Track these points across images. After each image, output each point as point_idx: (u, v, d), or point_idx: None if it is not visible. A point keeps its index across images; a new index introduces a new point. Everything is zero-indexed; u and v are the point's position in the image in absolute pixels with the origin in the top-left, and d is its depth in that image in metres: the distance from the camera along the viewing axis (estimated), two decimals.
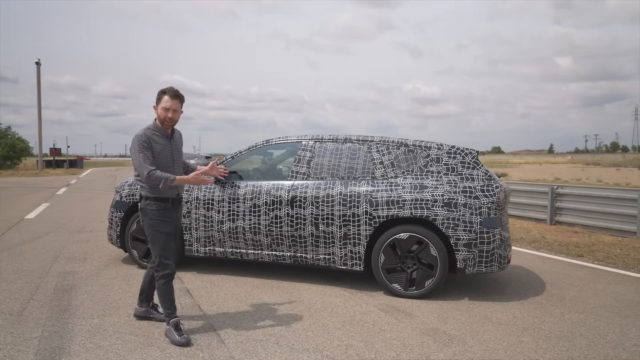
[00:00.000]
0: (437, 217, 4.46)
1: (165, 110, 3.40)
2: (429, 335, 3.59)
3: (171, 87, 3.46)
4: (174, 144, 3.56)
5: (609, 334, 3.71)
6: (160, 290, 3.43)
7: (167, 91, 3.42)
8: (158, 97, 3.44)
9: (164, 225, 3.43)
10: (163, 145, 3.45)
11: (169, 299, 3.42)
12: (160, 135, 3.44)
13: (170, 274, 3.44)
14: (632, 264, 6.35)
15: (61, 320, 3.69)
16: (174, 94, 3.42)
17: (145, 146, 3.35)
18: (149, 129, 3.44)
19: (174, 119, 3.45)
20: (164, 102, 3.40)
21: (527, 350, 3.35)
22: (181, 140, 3.72)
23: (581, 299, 4.65)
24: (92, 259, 5.78)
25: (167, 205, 3.45)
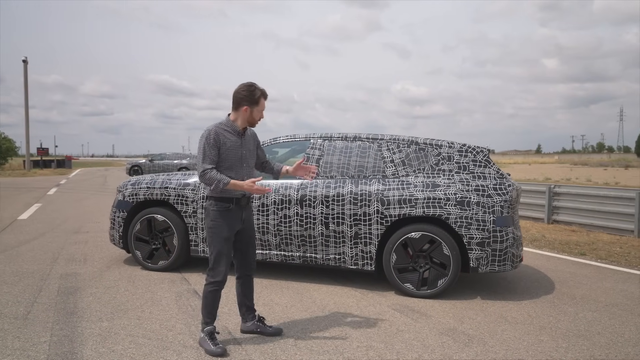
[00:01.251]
0: (450, 215, 4.41)
1: (262, 112, 3.29)
2: (447, 336, 3.54)
3: (261, 88, 3.28)
4: (246, 143, 3.31)
5: (626, 333, 3.69)
6: (206, 296, 3.19)
7: (265, 94, 3.27)
8: (256, 98, 3.21)
9: (224, 229, 3.18)
10: (233, 142, 3.21)
11: (212, 308, 3.19)
12: (232, 132, 3.23)
13: (221, 283, 3.20)
14: (635, 262, 6.38)
15: (69, 323, 3.57)
16: (266, 95, 3.29)
17: (212, 143, 3.12)
18: (220, 124, 3.22)
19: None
20: (262, 105, 3.27)
21: (548, 350, 3.32)
22: (255, 139, 3.47)
23: (592, 297, 4.64)
24: (93, 261, 5.64)
25: (230, 207, 3.20)
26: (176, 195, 5.15)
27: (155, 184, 5.29)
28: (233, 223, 3.23)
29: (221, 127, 3.21)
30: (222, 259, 3.19)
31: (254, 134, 3.48)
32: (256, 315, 3.49)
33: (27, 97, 33.01)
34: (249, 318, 3.48)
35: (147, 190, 5.28)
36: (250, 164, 3.36)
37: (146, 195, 5.28)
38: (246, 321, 3.48)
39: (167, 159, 27.24)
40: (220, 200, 3.20)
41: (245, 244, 3.38)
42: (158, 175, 5.50)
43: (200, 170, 3.11)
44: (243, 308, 3.47)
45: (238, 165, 3.24)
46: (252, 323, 3.46)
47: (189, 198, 5.11)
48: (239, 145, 3.26)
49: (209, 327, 3.17)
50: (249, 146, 3.35)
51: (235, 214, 3.24)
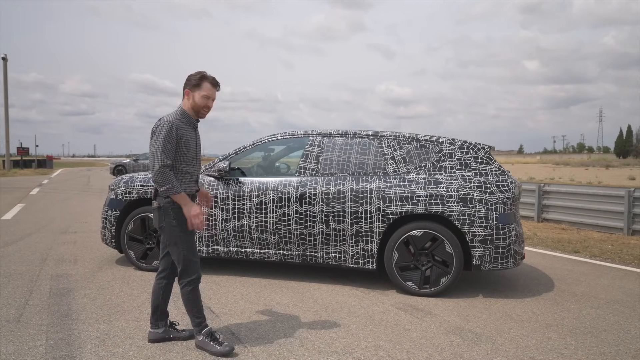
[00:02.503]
0: (452, 213, 4.37)
1: (206, 98, 3.04)
2: (455, 334, 3.48)
3: (212, 75, 3.08)
4: (198, 135, 3.21)
5: (631, 329, 3.68)
6: (188, 298, 3.02)
7: (208, 77, 3.05)
8: (196, 82, 3.02)
9: (186, 225, 3.00)
10: (190, 136, 3.07)
11: (197, 305, 3.05)
12: (187, 125, 3.06)
13: (197, 279, 3.05)
14: (628, 259, 6.43)
15: (64, 326, 3.42)
16: (215, 82, 3.08)
17: (173, 136, 2.93)
18: (177, 115, 3.03)
19: (210, 108, 3.12)
20: (205, 89, 3.03)
21: (557, 347, 3.29)
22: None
23: (592, 294, 4.64)
24: (84, 261, 5.46)
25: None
26: None
27: (149, 181, 5.13)
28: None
29: (179, 118, 3.03)
30: (191, 257, 3.03)
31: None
32: (168, 321, 3.26)
33: (7, 96, 32.25)
34: (162, 324, 3.21)
35: (141, 188, 5.12)
36: (200, 159, 3.27)
37: (140, 194, 5.12)
38: (157, 327, 3.19)
39: None
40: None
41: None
42: None
43: (159, 164, 2.87)
44: (157, 313, 3.19)
45: (193, 160, 3.12)
46: (164, 329, 3.19)
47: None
48: (194, 139, 3.12)
49: (206, 329, 3.03)
50: (199, 140, 3.24)
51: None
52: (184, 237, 3.02)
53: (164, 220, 3.01)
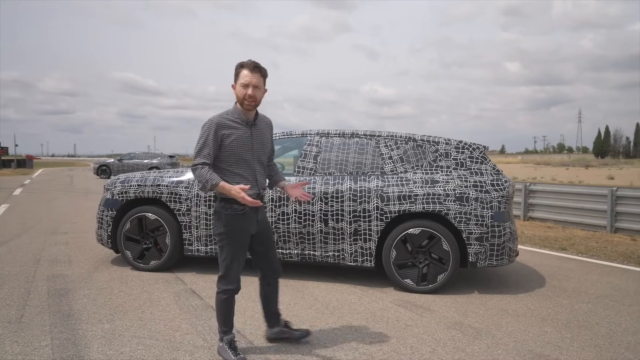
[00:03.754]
0: (449, 211, 4.46)
1: (245, 86, 2.77)
2: (455, 329, 3.57)
3: (250, 60, 2.81)
4: (257, 133, 2.90)
5: (622, 322, 3.82)
6: (220, 305, 2.93)
7: (246, 64, 2.79)
8: (236, 72, 2.83)
9: (238, 234, 2.87)
10: (240, 133, 2.83)
11: (228, 316, 2.95)
12: (238, 122, 2.84)
13: (235, 290, 2.92)
14: (613, 256, 6.63)
15: (68, 326, 3.41)
16: (254, 66, 2.78)
17: (211, 135, 2.77)
18: (226, 113, 2.86)
19: (255, 97, 2.80)
20: (242, 77, 2.77)
21: (554, 340, 3.40)
22: (269, 131, 3.05)
23: (582, 289, 4.79)
24: (79, 262, 5.41)
25: (244, 209, 2.84)
26: (169, 193, 5.01)
27: (146, 181, 5.12)
28: (248, 227, 2.92)
29: (225, 116, 2.84)
30: (235, 265, 2.90)
31: (270, 124, 3.08)
32: (282, 322, 3.24)
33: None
34: (276, 324, 3.21)
35: (138, 188, 5.11)
36: (263, 160, 2.97)
37: (137, 193, 5.11)
38: (272, 327, 3.21)
39: (136, 158, 26.53)
40: (233, 202, 2.82)
41: (266, 247, 3.07)
42: (149, 173, 5.34)
43: (192, 164, 2.81)
44: (269, 315, 3.22)
45: (247, 161, 2.87)
46: (279, 329, 3.20)
47: (183, 196, 4.97)
48: (248, 137, 2.86)
49: (228, 336, 2.94)
50: (261, 138, 2.94)
51: (250, 216, 2.91)
52: (231, 245, 2.88)
53: (217, 224, 2.91)
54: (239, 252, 2.91)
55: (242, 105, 2.84)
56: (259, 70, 2.81)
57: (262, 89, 2.85)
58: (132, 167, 25.73)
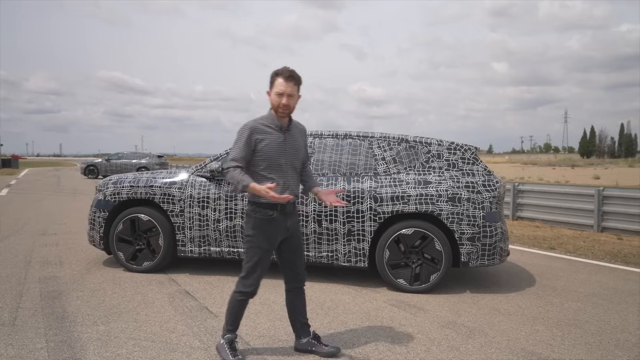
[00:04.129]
0: (442, 212, 4.52)
1: (279, 95, 2.82)
2: (449, 328, 3.62)
3: (285, 67, 2.86)
4: (290, 139, 2.94)
5: (611, 320, 3.90)
6: (232, 305, 2.94)
7: (281, 72, 2.84)
8: (271, 80, 2.87)
9: (264, 240, 2.88)
10: (274, 138, 2.87)
11: (237, 316, 2.96)
12: (272, 127, 2.88)
13: (251, 294, 2.93)
14: (600, 255, 6.75)
15: (62, 328, 3.39)
16: (289, 75, 2.83)
17: (244, 139, 2.83)
18: (261, 118, 2.91)
19: (289, 105, 2.85)
20: (277, 86, 2.83)
21: (545, 339, 3.46)
22: (303, 137, 3.07)
23: (571, 288, 4.88)
24: (70, 263, 5.37)
25: (273, 215, 2.87)
26: (162, 194, 5.00)
27: (139, 182, 5.10)
28: (276, 233, 2.91)
29: (260, 121, 2.90)
30: (257, 270, 2.90)
31: (303, 131, 3.10)
32: (311, 332, 3.14)
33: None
34: (304, 334, 3.12)
35: (131, 189, 5.09)
36: (296, 165, 2.97)
37: (129, 194, 5.08)
38: (300, 338, 3.13)
39: (124, 158, 26.30)
40: (263, 206, 2.85)
41: (293, 254, 3.04)
42: (141, 174, 5.31)
43: (225, 167, 2.88)
44: (297, 324, 3.14)
45: (280, 166, 2.88)
46: (307, 340, 3.10)
47: (176, 197, 4.96)
48: (281, 142, 2.89)
49: (229, 335, 2.94)
50: (295, 144, 2.96)
51: (280, 222, 2.91)
52: (256, 249, 2.89)
53: (246, 227, 2.93)
54: (263, 257, 2.90)
55: (277, 112, 2.88)
56: (293, 79, 2.86)
57: (295, 97, 2.90)
58: (120, 167, 25.51)
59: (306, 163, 3.15)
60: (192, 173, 5.06)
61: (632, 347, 3.34)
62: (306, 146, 3.11)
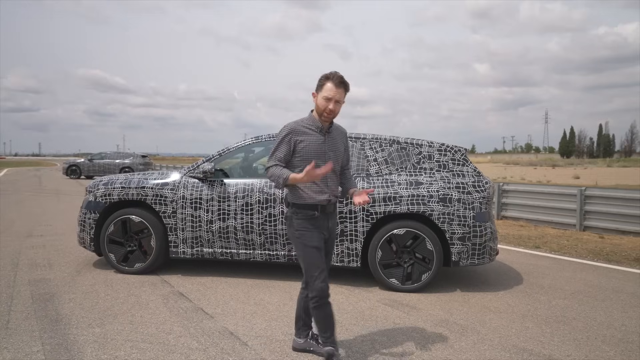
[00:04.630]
0: (433, 212, 4.60)
1: (327, 100, 2.80)
2: (442, 327, 3.70)
3: (335, 72, 2.84)
4: (330, 141, 2.92)
5: (597, 317, 4.03)
6: (314, 314, 2.87)
7: (332, 77, 2.81)
8: (320, 83, 2.85)
9: (312, 237, 2.84)
10: (313, 139, 2.85)
11: (325, 324, 2.85)
12: (312, 128, 2.87)
13: (322, 297, 2.82)
14: (584, 253, 6.93)
15: (57, 331, 3.37)
16: (340, 82, 2.81)
17: (284, 140, 2.85)
18: (302, 120, 2.90)
19: (334, 111, 2.83)
20: (326, 91, 2.80)
21: (536, 335, 3.56)
22: (344, 140, 3.04)
23: (558, 286, 5.01)
24: (59, 265, 5.31)
25: (315, 214, 2.86)
26: (154, 195, 4.98)
27: (130, 183, 5.08)
28: (320, 232, 2.90)
29: (301, 123, 2.90)
30: (315, 271, 2.83)
31: (344, 134, 3.08)
32: (310, 333, 3.13)
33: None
34: (303, 335, 3.13)
35: (122, 190, 5.06)
36: (335, 167, 2.95)
37: (121, 196, 5.06)
38: (299, 337, 3.14)
39: (107, 158, 25.94)
40: (304, 207, 2.86)
41: (326, 258, 2.99)
42: (133, 175, 5.29)
43: (266, 166, 2.88)
44: (300, 322, 3.11)
45: (319, 167, 2.80)
46: (305, 340, 3.12)
47: (168, 198, 4.95)
48: (321, 144, 2.88)
49: (329, 348, 2.84)
50: (335, 146, 2.94)
51: (322, 222, 2.89)
52: (306, 250, 2.85)
53: (289, 231, 2.93)
54: (315, 257, 2.85)
55: (321, 116, 2.86)
56: (343, 85, 2.84)
57: (342, 104, 2.88)
58: (103, 167, 25.17)
59: (346, 166, 3.13)
60: (185, 174, 5.05)
61: (618, 343, 3.46)
62: (347, 149, 3.09)
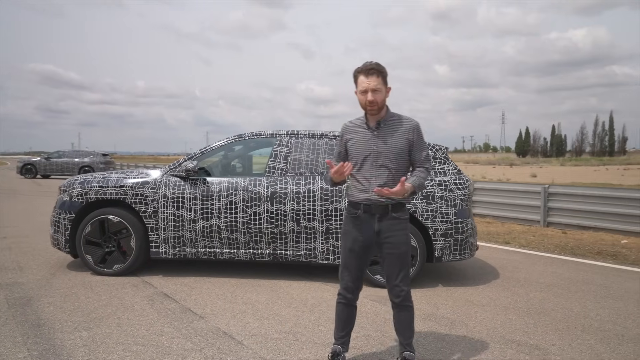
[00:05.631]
0: (417, 209, 4.69)
1: (363, 92, 2.66)
2: (431, 321, 3.79)
3: (366, 62, 2.69)
4: (381, 137, 2.72)
5: (573, 307, 4.23)
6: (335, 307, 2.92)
7: (361, 68, 2.68)
8: (354, 79, 2.72)
9: (348, 238, 2.78)
10: (359, 137, 2.75)
11: (339, 323, 2.88)
12: (360, 126, 2.77)
13: (342, 296, 2.84)
14: (550, 247, 7.24)
15: (42, 336, 3.23)
16: (370, 69, 2.65)
17: (339, 139, 2.89)
18: (355, 119, 2.83)
19: (375, 100, 2.65)
20: (360, 84, 2.67)
21: (520, 326, 3.70)
22: (403, 134, 2.74)
23: (532, 279, 5.22)
24: (31, 268, 5.08)
25: (357, 213, 2.75)
26: (134, 194, 4.85)
27: (108, 182, 4.92)
28: (358, 232, 2.76)
29: (353, 121, 2.85)
30: (344, 270, 2.82)
31: (409, 128, 2.77)
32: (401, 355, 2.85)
33: None
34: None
35: (100, 189, 4.89)
36: (387, 164, 2.71)
37: (98, 195, 4.89)
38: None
39: (66, 156, 24.92)
40: (351, 204, 2.81)
41: (386, 263, 2.82)
42: (110, 173, 5.12)
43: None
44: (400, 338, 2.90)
45: (362, 163, 2.74)
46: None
47: (149, 197, 4.83)
48: (367, 141, 2.74)
49: (334, 346, 2.85)
50: (386, 142, 2.72)
51: (365, 222, 2.75)
52: (343, 248, 2.85)
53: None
54: (347, 258, 2.81)
55: (366, 110, 2.75)
56: (375, 72, 2.67)
57: (382, 91, 2.70)
58: (61, 166, 24.19)
59: (418, 161, 2.81)
60: (166, 173, 4.94)
61: (596, 332, 3.64)
62: (414, 143, 2.78)
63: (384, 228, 2.75)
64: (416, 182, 2.70)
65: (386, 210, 2.74)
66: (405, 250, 2.79)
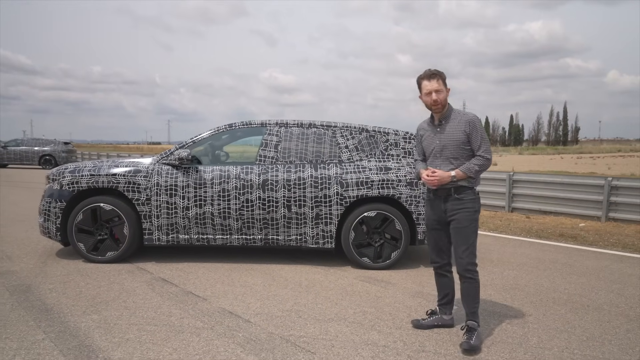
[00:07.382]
0: (402, 195, 4.99)
1: (428, 94, 3.14)
2: (420, 297, 4.10)
3: (427, 69, 3.20)
4: (443, 133, 3.17)
5: (544, 283, 4.65)
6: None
7: (424, 75, 3.18)
8: (418, 85, 3.23)
9: (427, 218, 3.39)
10: (428, 134, 3.27)
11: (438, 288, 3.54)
12: (429, 124, 3.29)
13: (434, 267, 3.46)
14: (517, 231, 7.75)
15: (54, 320, 3.33)
16: (431, 74, 3.15)
17: (416, 137, 3.43)
18: (427, 118, 3.34)
19: (438, 100, 3.11)
20: (424, 88, 3.17)
21: (499, 300, 4.08)
22: (463, 128, 3.12)
23: (504, 259, 5.64)
24: (20, 257, 5.08)
25: (430, 196, 3.33)
26: (126, 182, 4.92)
27: (100, 170, 4.96)
28: (433, 213, 3.30)
29: (424, 121, 3.37)
30: (428, 245, 3.45)
31: (466, 121, 3.13)
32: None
33: None
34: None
35: (91, 177, 4.93)
36: (444, 154, 3.17)
37: (90, 183, 4.93)
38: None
39: (24, 145, 23.96)
40: (427, 190, 3.39)
41: (453, 239, 3.24)
42: (102, 161, 5.15)
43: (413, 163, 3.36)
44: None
45: (430, 157, 3.27)
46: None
47: (142, 185, 4.91)
48: (432, 137, 3.24)
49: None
50: (446, 136, 3.16)
51: (436, 204, 3.26)
52: (426, 227, 3.44)
53: None
54: (429, 235, 3.40)
55: (431, 110, 3.23)
56: (436, 76, 3.15)
57: (444, 91, 3.16)
58: (19, 154, 23.27)
59: (477, 150, 3.13)
60: (158, 161, 5.03)
61: (565, 303, 4.06)
62: (471, 135, 3.12)
63: (449, 208, 3.20)
64: (464, 168, 3.11)
65: (449, 192, 3.19)
66: (466, 226, 3.18)
